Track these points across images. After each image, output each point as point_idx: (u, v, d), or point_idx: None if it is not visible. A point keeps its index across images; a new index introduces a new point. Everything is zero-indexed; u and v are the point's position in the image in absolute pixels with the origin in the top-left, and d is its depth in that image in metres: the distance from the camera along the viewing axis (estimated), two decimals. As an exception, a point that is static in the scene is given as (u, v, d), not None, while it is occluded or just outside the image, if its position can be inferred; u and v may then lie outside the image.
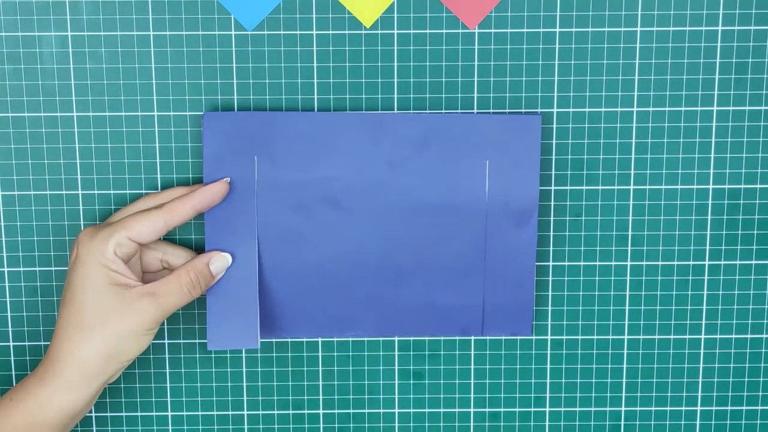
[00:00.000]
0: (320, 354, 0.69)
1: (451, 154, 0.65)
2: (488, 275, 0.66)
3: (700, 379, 0.69)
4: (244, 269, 0.65)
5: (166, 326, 0.68)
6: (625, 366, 0.69)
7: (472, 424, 0.70)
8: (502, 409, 0.70)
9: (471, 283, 0.67)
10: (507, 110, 0.65)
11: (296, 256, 0.66)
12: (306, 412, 0.70)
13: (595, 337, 0.68)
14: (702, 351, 0.69)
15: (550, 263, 0.68)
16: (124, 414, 0.69)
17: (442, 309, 0.67)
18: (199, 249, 0.67)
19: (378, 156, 0.65)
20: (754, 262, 0.68)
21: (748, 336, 0.69)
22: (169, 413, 0.69)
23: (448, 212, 0.66)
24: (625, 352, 0.69)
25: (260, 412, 0.70)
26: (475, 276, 0.67)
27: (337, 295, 0.67)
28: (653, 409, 0.70)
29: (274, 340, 0.68)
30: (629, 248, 0.67)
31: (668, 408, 0.70)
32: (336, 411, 0.70)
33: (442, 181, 0.65)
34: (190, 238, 0.67)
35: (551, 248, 0.67)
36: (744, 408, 0.70)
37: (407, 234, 0.66)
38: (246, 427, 0.69)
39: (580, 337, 0.69)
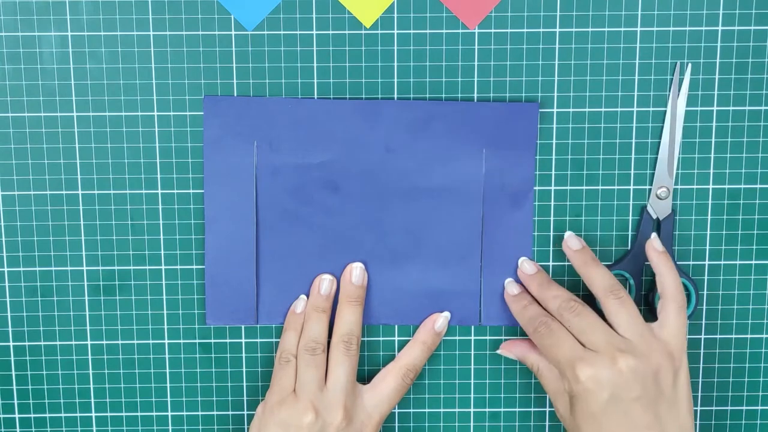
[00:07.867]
0: (320, 354, 0.69)
1: (448, 140, 0.65)
2: (485, 259, 0.66)
3: (700, 379, 0.69)
4: (243, 252, 0.66)
5: (166, 326, 0.68)
6: (625, 366, 0.69)
7: (472, 424, 0.70)
8: (502, 409, 0.70)
9: (468, 268, 0.67)
10: (506, 95, 0.65)
11: (294, 239, 0.66)
12: (306, 412, 0.70)
13: (595, 337, 0.68)
14: (702, 351, 0.69)
15: (551, 263, 0.68)
16: (124, 414, 0.69)
17: (439, 295, 0.67)
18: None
19: (375, 141, 0.65)
20: (754, 262, 0.68)
21: (748, 336, 0.69)
22: (169, 413, 0.69)
23: (444, 196, 0.66)
24: (625, 352, 0.69)
25: (260, 412, 0.69)
26: (471, 260, 0.67)
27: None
28: (653, 409, 0.70)
29: (273, 325, 0.68)
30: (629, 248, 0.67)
31: (668, 408, 0.70)
32: (336, 411, 0.70)
33: (439, 166, 0.65)
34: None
35: (551, 248, 0.67)
36: (744, 408, 0.70)
37: (404, 218, 0.66)
38: (246, 427, 0.69)
39: (580, 337, 0.68)
